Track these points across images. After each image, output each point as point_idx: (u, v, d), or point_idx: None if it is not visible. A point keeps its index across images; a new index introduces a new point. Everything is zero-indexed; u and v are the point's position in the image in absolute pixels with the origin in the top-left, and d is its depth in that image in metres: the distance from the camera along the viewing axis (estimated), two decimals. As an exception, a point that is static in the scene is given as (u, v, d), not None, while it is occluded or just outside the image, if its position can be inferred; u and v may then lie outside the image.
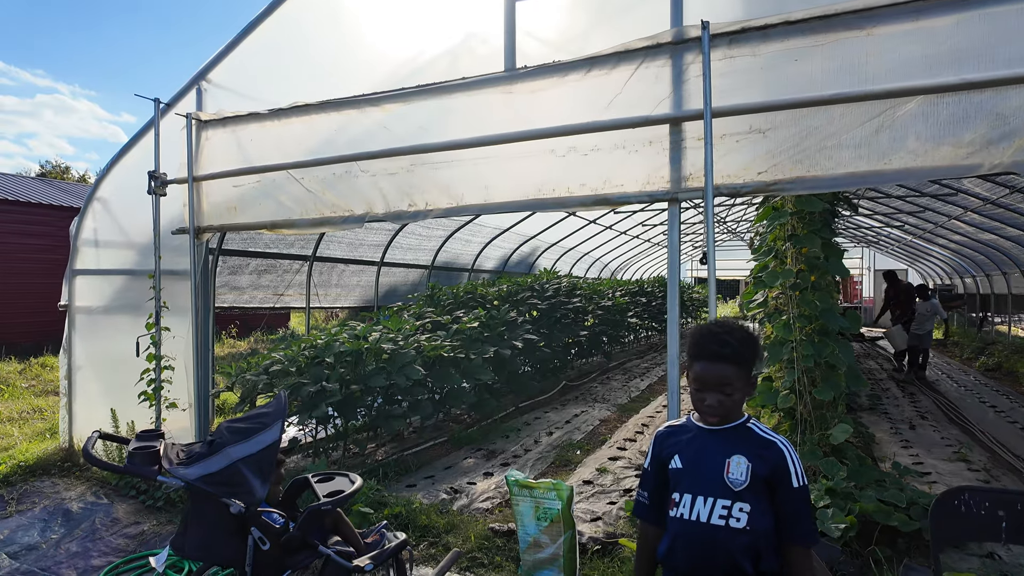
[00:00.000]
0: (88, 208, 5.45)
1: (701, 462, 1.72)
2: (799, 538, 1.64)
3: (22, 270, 12.88)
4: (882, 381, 9.74)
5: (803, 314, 4.37)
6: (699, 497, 1.68)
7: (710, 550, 1.65)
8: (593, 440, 6.31)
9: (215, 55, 4.76)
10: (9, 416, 7.02)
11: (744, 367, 1.71)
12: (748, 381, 1.72)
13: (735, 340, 1.70)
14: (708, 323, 1.82)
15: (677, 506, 1.72)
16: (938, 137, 2.65)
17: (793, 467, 1.66)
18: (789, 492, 1.64)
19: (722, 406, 1.70)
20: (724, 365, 1.69)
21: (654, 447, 1.85)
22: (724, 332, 1.72)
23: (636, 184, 3.23)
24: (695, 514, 1.67)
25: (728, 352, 1.69)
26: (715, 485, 1.67)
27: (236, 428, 2.65)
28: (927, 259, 18.04)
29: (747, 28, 2.96)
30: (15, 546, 3.91)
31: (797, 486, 1.64)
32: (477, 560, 3.57)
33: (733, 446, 1.69)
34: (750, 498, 1.64)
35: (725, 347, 1.69)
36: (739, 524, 1.63)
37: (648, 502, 1.85)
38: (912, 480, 4.61)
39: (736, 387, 1.70)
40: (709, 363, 1.71)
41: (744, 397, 1.73)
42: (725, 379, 1.69)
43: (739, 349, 1.70)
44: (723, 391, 1.69)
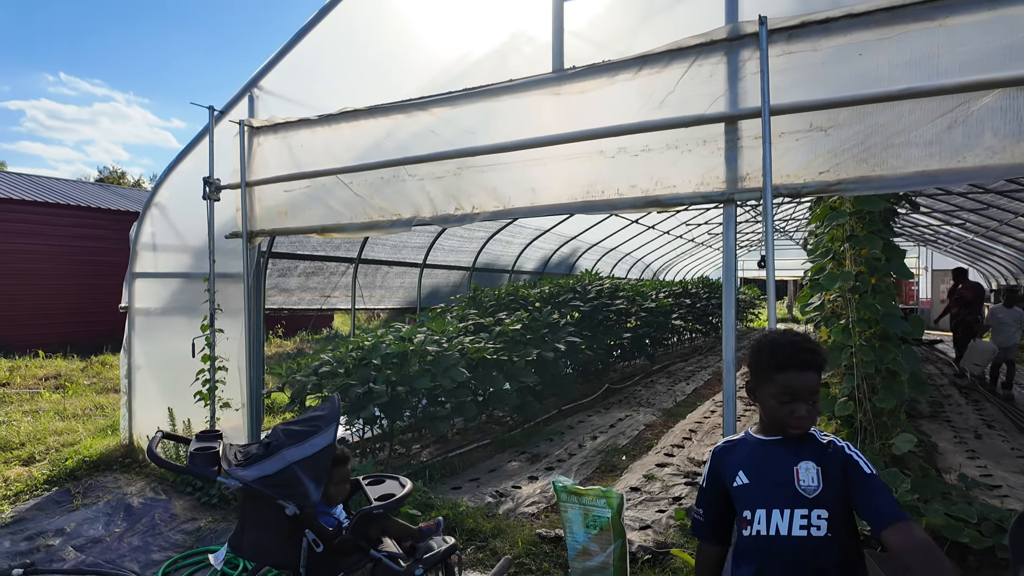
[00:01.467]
0: (147, 213, 5.65)
1: (769, 474, 1.64)
2: (894, 517, 1.49)
3: (81, 271, 13.51)
4: (943, 387, 9.30)
5: (863, 318, 4.19)
6: (775, 510, 1.60)
7: (797, 564, 1.57)
8: (639, 445, 6.20)
9: (266, 62, 4.87)
10: (73, 412, 7.35)
11: (821, 375, 1.67)
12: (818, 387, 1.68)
13: (817, 347, 1.66)
14: (778, 332, 1.75)
15: (751, 524, 1.64)
16: (1019, 132, 2.49)
17: (858, 457, 1.61)
18: (864, 479, 1.56)
19: (811, 416, 1.63)
20: (812, 373, 1.63)
21: (712, 464, 1.79)
22: (804, 340, 1.67)
23: (689, 185, 3.14)
24: (773, 528, 1.59)
25: (818, 360, 1.64)
26: (788, 495, 1.59)
27: (291, 431, 2.69)
28: (989, 258, 17.18)
29: (807, 23, 2.85)
30: (81, 539, 4.07)
31: (869, 472, 1.57)
32: (525, 566, 3.54)
33: (799, 453, 1.63)
34: (827, 503, 1.56)
35: (814, 355, 1.64)
36: (820, 532, 1.55)
37: (704, 520, 1.80)
38: (981, 493, 4.37)
39: (818, 394, 1.64)
40: (800, 372, 1.62)
41: (816, 399, 1.67)
42: (815, 387, 1.63)
43: (823, 356, 1.65)
44: (812, 400, 1.63)
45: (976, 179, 2.67)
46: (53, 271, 13.19)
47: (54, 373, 10.33)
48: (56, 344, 12.64)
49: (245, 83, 4.97)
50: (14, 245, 12.58)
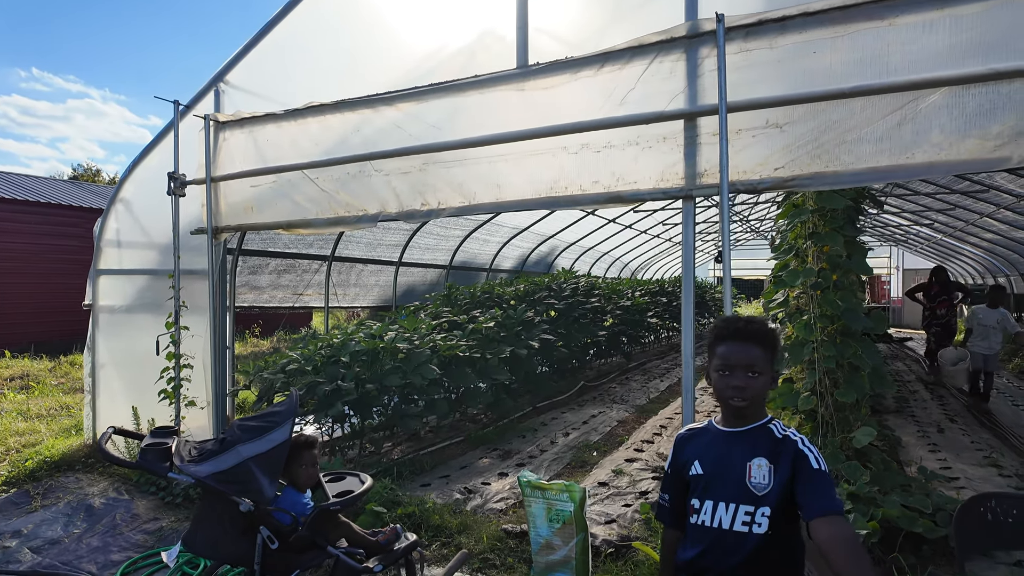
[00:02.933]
0: (111, 209, 5.55)
1: (722, 467, 1.66)
2: (827, 508, 1.51)
3: (53, 270, 13.23)
4: (910, 383, 9.49)
5: (825, 314, 4.26)
6: (721, 503, 1.64)
7: (733, 556, 1.60)
8: (610, 441, 6.24)
9: (232, 56, 4.82)
10: (38, 412, 7.19)
11: (768, 351, 1.65)
12: (771, 370, 1.67)
13: (759, 323, 1.69)
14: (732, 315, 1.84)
15: (698, 513, 1.68)
16: (964, 130, 2.56)
17: (810, 453, 1.59)
18: (810, 473, 1.56)
19: (749, 388, 1.63)
20: (750, 345, 1.64)
21: (674, 451, 1.82)
22: (746, 318, 1.73)
23: (650, 181, 3.17)
24: (717, 520, 1.63)
25: (754, 330, 1.66)
26: (738, 490, 1.62)
27: (248, 426, 2.67)
28: (958, 258, 17.56)
29: (764, 20, 2.89)
30: (38, 540, 3.99)
31: (817, 468, 1.56)
32: (489, 561, 3.55)
33: (753, 449, 1.64)
34: (772, 501, 1.58)
35: (751, 325, 1.67)
36: (761, 529, 1.58)
37: (669, 506, 1.82)
38: (939, 485, 4.46)
39: (761, 370, 1.64)
40: (734, 342, 1.66)
41: (767, 386, 1.67)
42: (751, 358, 1.63)
43: (764, 330, 1.67)
44: (749, 371, 1.64)
45: (924, 175, 2.73)
46: (23, 269, 12.88)
47: (20, 373, 10.10)
48: (25, 344, 12.36)
49: (211, 77, 4.91)
50: (-19, 243, 12.28)
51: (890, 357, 12.51)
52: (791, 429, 1.67)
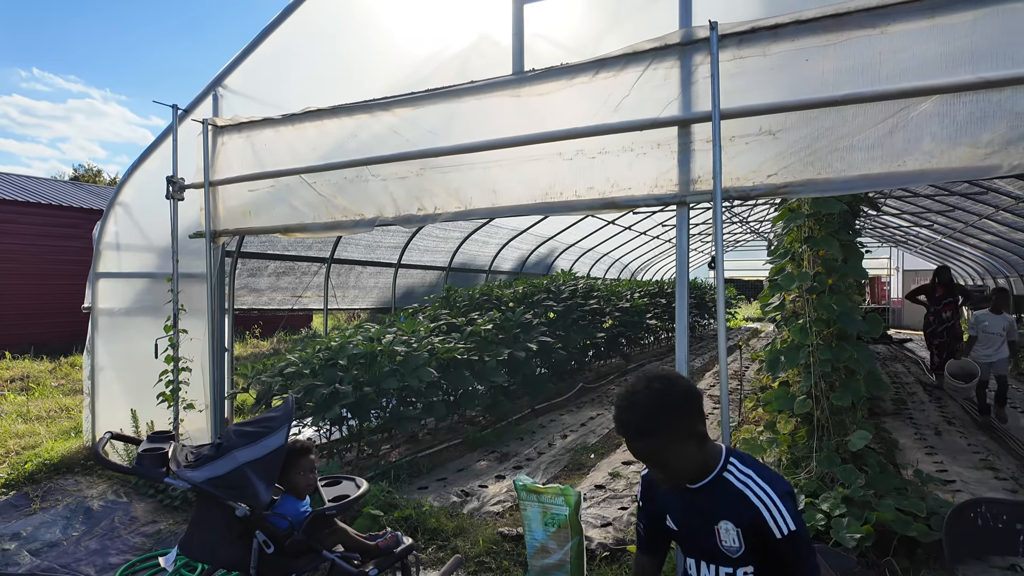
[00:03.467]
0: (110, 212, 5.58)
1: (693, 529, 1.63)
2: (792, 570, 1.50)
3: (54, 271, 13.26)
4: (908, 385, 9.50)
5: (820, 318, 4.27)
6: (702, 562, 1.62)
7: None
8: (608, 444, 6.26)
9: (231, 61, 4.84)
10: (37, 414, 7.22)
11: (656, 436, 1.50)
12: (677, 439, 1.51)
13: (633, 416, 1.51)
14: (626, 385, 1.59)
15: (683, 563, 1.70)
16: (954, 138, 2.57)
17: (772, 518, 1.49)
18: (775, 544, 1.49)
19: (666, 477, 1.57)
20: (635, 442, 1.53)
21: (644, 489, 1.77)
22: (625, 406, 1.53)
23: (644, 187, 3.19)
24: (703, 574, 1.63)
25: (631, 432, 1.52)
26: (714, 553, 1.59)
27: (243, 431, 2.69)
28: (958, 259, 17.57)
29: (757, 28, 2.91)
30: (37, 543, 4.01)
31: (780, 537, 1.48)
32: (485, 565, 3.57)
33: (717, 509, 1.57)
34: (751, 559, 1.55)
35: (626, 428, 1.52)
36: None
37: (644, 534, 1.80)
38: (935, 488, 4.48)
39: (665, 454, 1.52)
40: (626, 441, 1.55)
41: (687, 453, 1.53)
42: (645, 454, 1.54)
43: (639, 424, 1.50)
44: (654, 464, 1.56)
45: (916, 183, 2.75)
46: (24, 271, 12.92)
47: (21, 375, 10.13)
48: (25, 345, 12.39)
49: (209, 82, 4.93)
50: (-17, 244, 12.32)
51: (889, 359, 12.53)
52: (750, 470, 1.57)
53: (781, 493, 1.53)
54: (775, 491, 1.53)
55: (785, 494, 1.54)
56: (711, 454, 1.59)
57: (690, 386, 1.57)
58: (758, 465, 1.60)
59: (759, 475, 1.56)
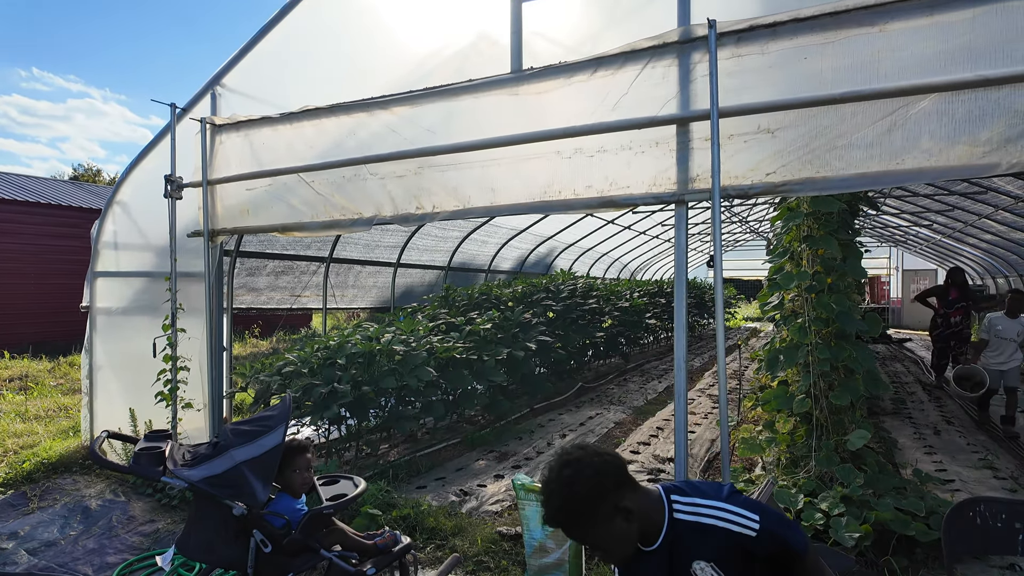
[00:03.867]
0: (108, 211, 5.57)
1: None
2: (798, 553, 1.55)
3: (53, 271, 13.25)
4: (908, 384, 9.50)
5: (819, 317, 4.27)
6: None
7: None
8: (607, 443, 6.25)
9: (229, 60, 4.83)
10: (36, 414, 7.21)
11: (578, 526, 1.50)
12: (601, 523, 1.49)
13: (550, 510, 1.51)
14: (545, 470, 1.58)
15: None
16: (953, 136, 2.57)
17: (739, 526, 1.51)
18: (753, 542, 1.52)
19: (610, 558, 1.56)
20: (566, 533, 1.53)
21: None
22: (544, 498, 1.53)
23: (642, 186, 3.18)
24: None
25: (555, 524, 1.52)
26: None
27: (240, 430, 2.68)
28: (957, 258, 17.57)
29: (755, 26, 2.90)
30: (35, 542, 4.00)
31: (755, 534, 1.51)
32: (483, 564, 3.56)
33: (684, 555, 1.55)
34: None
35: (552, 520, 1.52)
36: None
37: None
38: (934, 488, 4.48)
39: (597, 538, 1.50)
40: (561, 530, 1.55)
41: (616, 532, 1.51)
42: (581, 541, 1.55)
43: (558, 518, 1.50)
44: (593, 548, 1.55)
45: (914, 181, 2.74)
46: (23, 270, 12.91)
47: (20, 374, 10.12)
48: (25, 344, 12.38)
49: (208, 80, 4.92)
50: (-17, 244, 12.31)
51: (889, 358, 12.53)
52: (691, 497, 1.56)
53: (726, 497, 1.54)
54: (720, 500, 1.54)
55: (729, 495, 1.56)
56: (650, 512, 1.56)
57: (601, 463, 1.51)
58: (692, 486, 1.60)
59: (700, 496, 1.56)
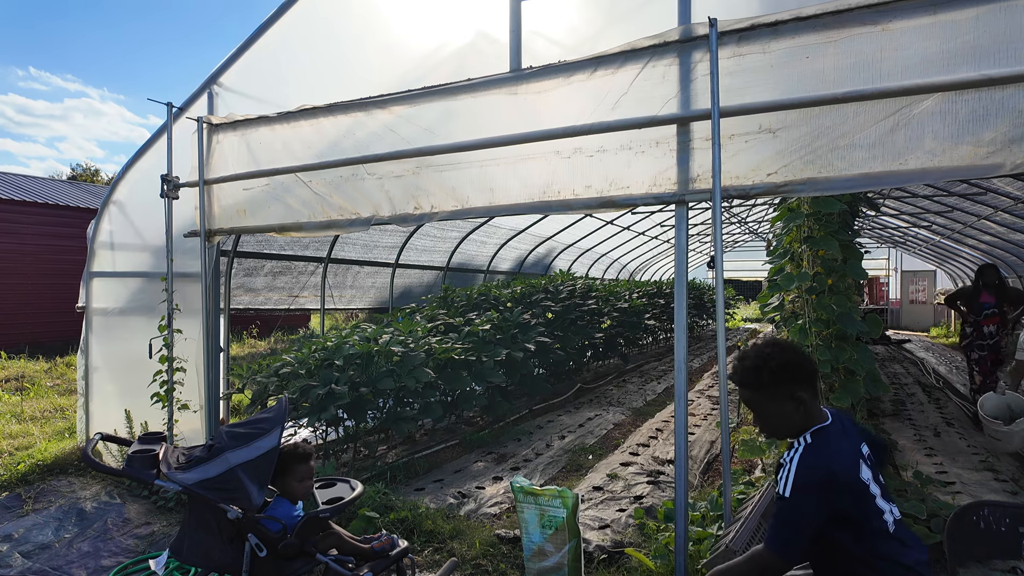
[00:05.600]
0: (104, 211, 5.53)
1: None
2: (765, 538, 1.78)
3: (51, 271, 13.21)
4: (907, 386, 9.48)
5: (820, 318, 4.24)
6: None
7: None
8: (606, 445, 6.22)
9: (226, 58, 4.80)
10: (31, 415, 7.16)
11: (760, 388, 1.83)
12: (784, 397, 1.81)
13: (745, 368, 1.87)
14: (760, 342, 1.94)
15: None
16: (957, 136, 2.54)
17: (782, 475, 1.75)
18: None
19: (765, 427, 1.89)
20: (742, 387, 1.88)
21: None
22: (743, 358, 1.90)
23: (642, 186, 3.16)
24: None
25: (742, 381, 1.87)
26: None
27: (235, 433, 2.65)
28: (956, 260, 17.56)
29: (757, 25, 2.88)
30: (29, 545, 3.97)
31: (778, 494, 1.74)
32: (481, 567, 3.53)
33: None
34: None
35: (738, 376, 1.89)
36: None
37: None
38: (935, 490, 4.46)
39: (767, 408, 1.84)
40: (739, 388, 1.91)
41: (787, 410, 1.81)
42: (750, 401, 1.88)
43: (748, 377, 1.85)
44: (757, 413, 1.88)
45: (917, 181, 2.72)
46: (21, 270, 12.86)
47: (16, 375, 10.07)
48: (22, 344, 12.33)
49: (205, 79, 4.89)
50: (-20, 244, 12.26)
51: (888, 359, 12.51)
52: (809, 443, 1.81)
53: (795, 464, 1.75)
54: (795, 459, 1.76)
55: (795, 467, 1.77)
56: (814, 417, 1.84)
57: (796, 359, 1.86)
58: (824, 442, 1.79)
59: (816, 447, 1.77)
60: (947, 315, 19.51)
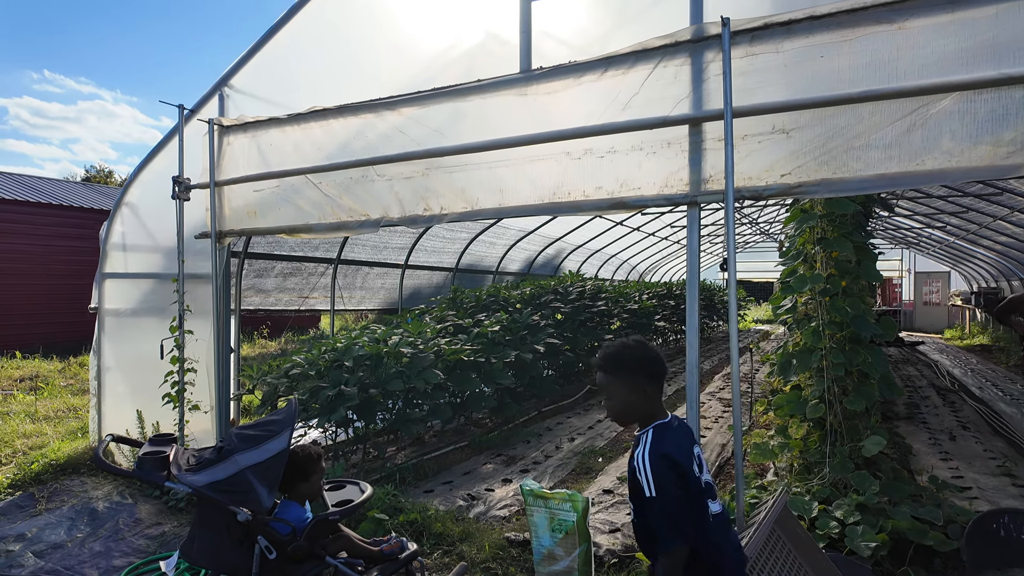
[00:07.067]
0: (116, 213, 5.57)
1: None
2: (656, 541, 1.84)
3: (64, 272, 13.33)
4: (921, 388, 9.36)
5: (833, 321, 4.19)
6: None
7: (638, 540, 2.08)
8: (616, 447, 6.19)
9: (237, 61, 4.81)
10: (45, 414, 7.23)
11: (616, 370, 1.98)
12: (631, 385, 1.96)
13: (608, 351, 2.02)
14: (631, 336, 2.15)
15: None
16: (975, 136, 2.49)
17: (642, 479, 1.83)
18: (643, 502, 1.83)
19: (611, 408, 2.02)
20: (601, 367, 2.02)
21: None
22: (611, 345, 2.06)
23: (654, 187, 3.13)
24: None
25: (603, 360, 2.02)
26: None
27: (245, 435, 2.65)
28: (971, 261, 17.34)
29: (770, 24, 2.84)
30: (42, 544, 3.99)
31: (648, 496, 1.80)
32: (491, 571, 3.51)
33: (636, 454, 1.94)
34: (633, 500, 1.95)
35: (601, 358, 2.03)
36: (634, 517, 2.00)
37: None
38: (951, 496, 4.38)
39: (618, 390, 1.97)
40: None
41: (630, 397, 1.96)
42: (603, 382, 2.01)
43: (607, 360, 2.00)
44: (607, 393, 2.01)
45: (934, 182, 2.67)
46: (36, 271, 13.00)
47: (31, 374, 10.17)
48: (36, 344, 12.46)
49: (215, 81, 4.91)
50: (-4, 244, 12.40)
51: (901, 361, 12.37)
52: (651, 445, 1.88)
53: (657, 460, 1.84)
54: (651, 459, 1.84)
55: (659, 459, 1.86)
56: (653, 415, 1.98)
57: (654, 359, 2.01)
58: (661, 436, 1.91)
59: (653, 446, 1.87)
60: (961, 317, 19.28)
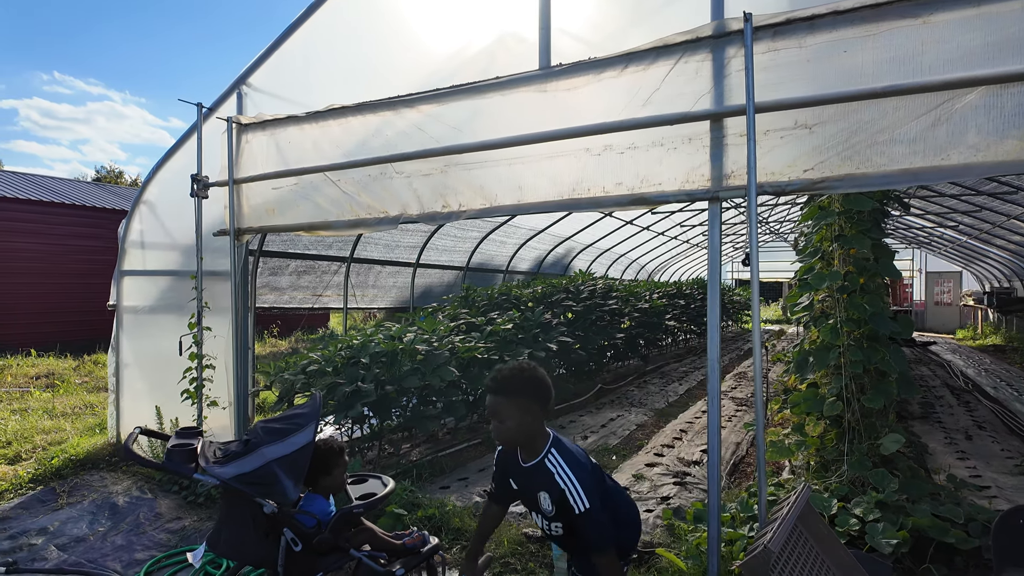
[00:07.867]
0: (135, 211, 5.62)
1: (526, 492, 2.21)
2: (591, 548, 2.04)
3: (77, 271, 13.46)
4: (935, 388, 9.31)
5: (851, 318, 4.18)
6: (533, 513, 2.22)
7: (554, 539, 2.25)
8: (629, 446, 6.19)
9: (255, 59, 4.85)
10: (63, 411, 7.30)
11: (508, 393, 2.09)
12: (522, 407, 2.07)
13: (503, 373, 2.12)
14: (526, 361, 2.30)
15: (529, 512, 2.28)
16: (1002, 130, 2.48)
17: (572, 499, 2.00)
18: (574, 518, 2.01)
19: (499, 431, 2.12)
20: (491, 396, 2.12)
21: (498, 459, 2.39)
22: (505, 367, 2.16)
23: (675, 183, 3.13)
24: (540, 522, 2.22)
25: (495, 382, 2.12)
26: (538, 509, 2.15)
27: (271, 428, 2.67)
28: (983, 261, 17.21)
29: (792, 19, 2.84)
30: (64, 538, 4.04)
31: (578, 512, 1.99)
32: (510, 566, 3.52)
33: (540, 483, 2.09)
34: (561, 519, 2.11)
35: (493, 379, 2.13)
36: (560, 532, 2.16)
37: (494, 492, 2.47)
38: (970, 494, 4.36)
39: (507, 411, 2.07)
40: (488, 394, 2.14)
41: (519, 420, 2.07)
42: (493, 404, 2.11)
43: (500, 381, 2.10)
44: (496, 416, 2.11)
45: (959, 177, 2.66)
46: (49, 270, 13.13)
47: (46, 372, 10.28)
48: (51, 343, 12.59)
49: (234, 80, 4.95)
50: (10, 244, 12.52)
51: (914, 361, 12.30)
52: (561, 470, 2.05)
53: (576, 484, 2.01)
54: (574, 482, 2.02)
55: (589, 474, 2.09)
56: (537, 437, 2.12)
57: (545, 385, 2.14)
58: (567, 450, 2.11)
59: (567, 463, 2.05)
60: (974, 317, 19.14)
